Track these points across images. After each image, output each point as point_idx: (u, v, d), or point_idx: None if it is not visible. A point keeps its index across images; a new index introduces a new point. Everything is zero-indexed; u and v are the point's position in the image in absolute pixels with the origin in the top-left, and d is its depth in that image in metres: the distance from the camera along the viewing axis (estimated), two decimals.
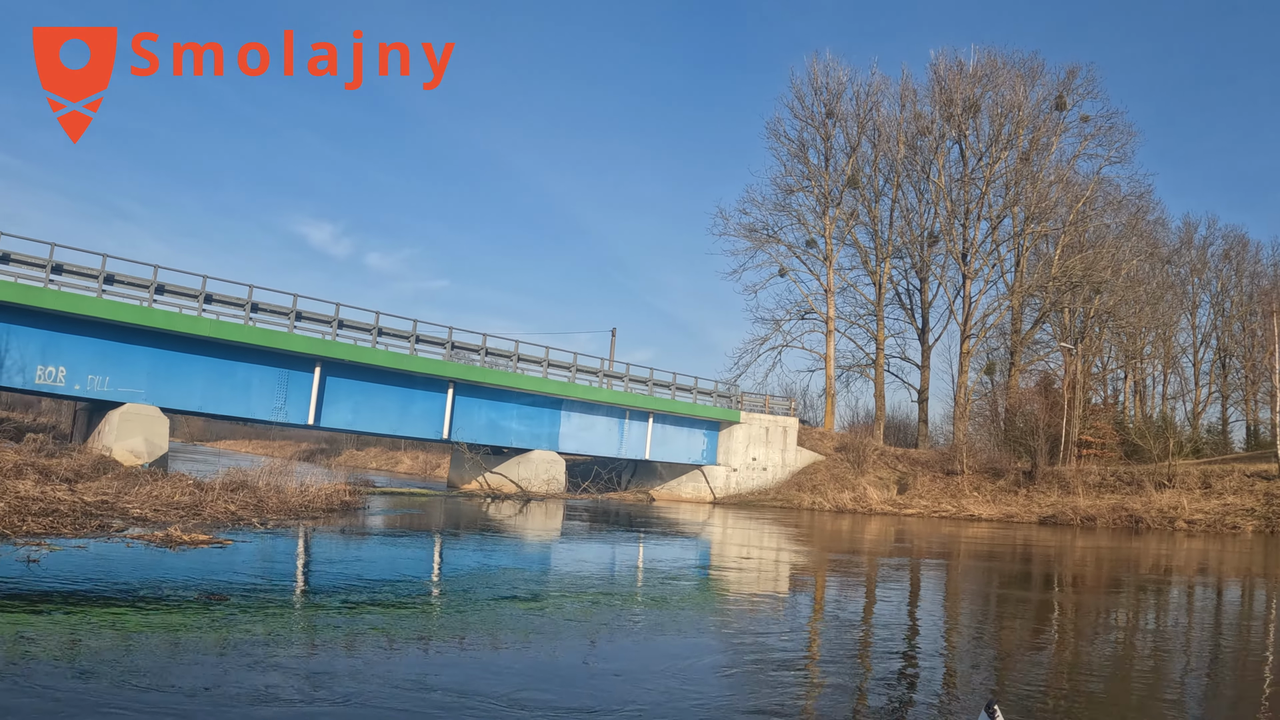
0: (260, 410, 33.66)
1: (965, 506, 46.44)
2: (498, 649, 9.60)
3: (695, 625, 11.97)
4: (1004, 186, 58.92)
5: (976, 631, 13.29)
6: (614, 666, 9.28)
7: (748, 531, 31.48)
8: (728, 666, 9.72)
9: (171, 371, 32.09)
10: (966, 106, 57.90)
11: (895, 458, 53.04)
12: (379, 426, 36.87)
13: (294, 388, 34.12)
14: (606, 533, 27.69)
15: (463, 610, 11.64)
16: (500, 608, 11.86)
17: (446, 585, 13.55)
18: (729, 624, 12.40)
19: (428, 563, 16.34)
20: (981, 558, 26.48)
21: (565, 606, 12.46)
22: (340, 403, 35.24)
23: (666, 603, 13.60)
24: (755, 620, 12.79)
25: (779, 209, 60.74)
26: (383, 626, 10.12)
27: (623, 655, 9.84)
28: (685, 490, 48.99)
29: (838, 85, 59.96)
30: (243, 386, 33.36)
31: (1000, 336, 60.91)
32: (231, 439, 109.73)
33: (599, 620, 11.66)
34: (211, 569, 12.75)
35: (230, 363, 32.99)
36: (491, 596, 12.70)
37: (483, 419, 39.44)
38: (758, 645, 10.88)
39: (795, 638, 11.65)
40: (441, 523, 26.22)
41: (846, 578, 19.36)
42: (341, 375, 35.11)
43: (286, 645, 8.96)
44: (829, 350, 59.57)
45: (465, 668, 8.69)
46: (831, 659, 10.45)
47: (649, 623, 11.93)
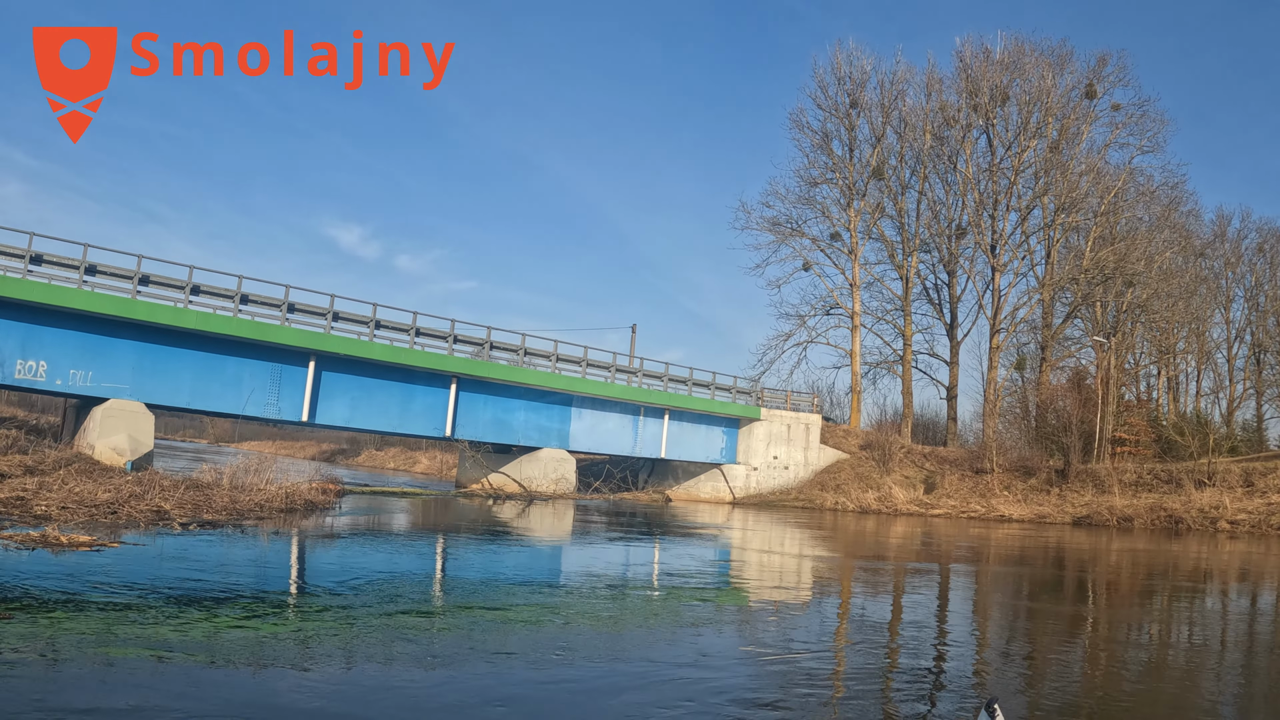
0: (251, 406, 31.72)
1: (995, 507, 43.91)
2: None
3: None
4: (1033, 176, 56.35)
5: (1003, 653, 11.04)
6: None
7: (767, 535, 29.20)
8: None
9: (157, 366, 30.26)
10: (994, 95, 55.32)
11: (922, 456, 50.55)
12: (378, 424, 34.85)
13: (287, 383, 32.18)
14: (612, 537, 25.40)
15: (315, 634, 9.36)
16: (374, 630, 9.59)
17: (337, 597, 11.28)
18: (758, 649, 10.23)
19: (341, 572, 14.01)
20: (1012, 562, 24.09)
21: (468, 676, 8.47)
22: (336, 399, 33.26)
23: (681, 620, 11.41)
24: (780, 633, 10.87)
25: (803, 201, 58.43)
26: (179, 649, 7.93)
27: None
28: (704, 490, 46.71)
29: (861, 74, 57.67)
30: (233, 381, 31.44)
31: (1030, 331, 58.30)
32: (257, 440, 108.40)
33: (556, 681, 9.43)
34: (46, 574, 10.68)
35: (219, 357, 31.08)
36: (382, 611, 10.46)
37: (488, 416, 37.34)
38: (784, 670, 8.84)
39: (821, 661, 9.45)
40: (421, 524, 24.08)
41: (869, 588, 17.10)
42: (337, 370, 33.12)
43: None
44: (855, 346, 57.14)
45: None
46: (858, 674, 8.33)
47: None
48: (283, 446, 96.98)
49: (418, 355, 34.08)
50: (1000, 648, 11.44)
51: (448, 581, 13.69)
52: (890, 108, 57.51)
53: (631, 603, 12.92)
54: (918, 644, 11.18)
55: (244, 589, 11.29)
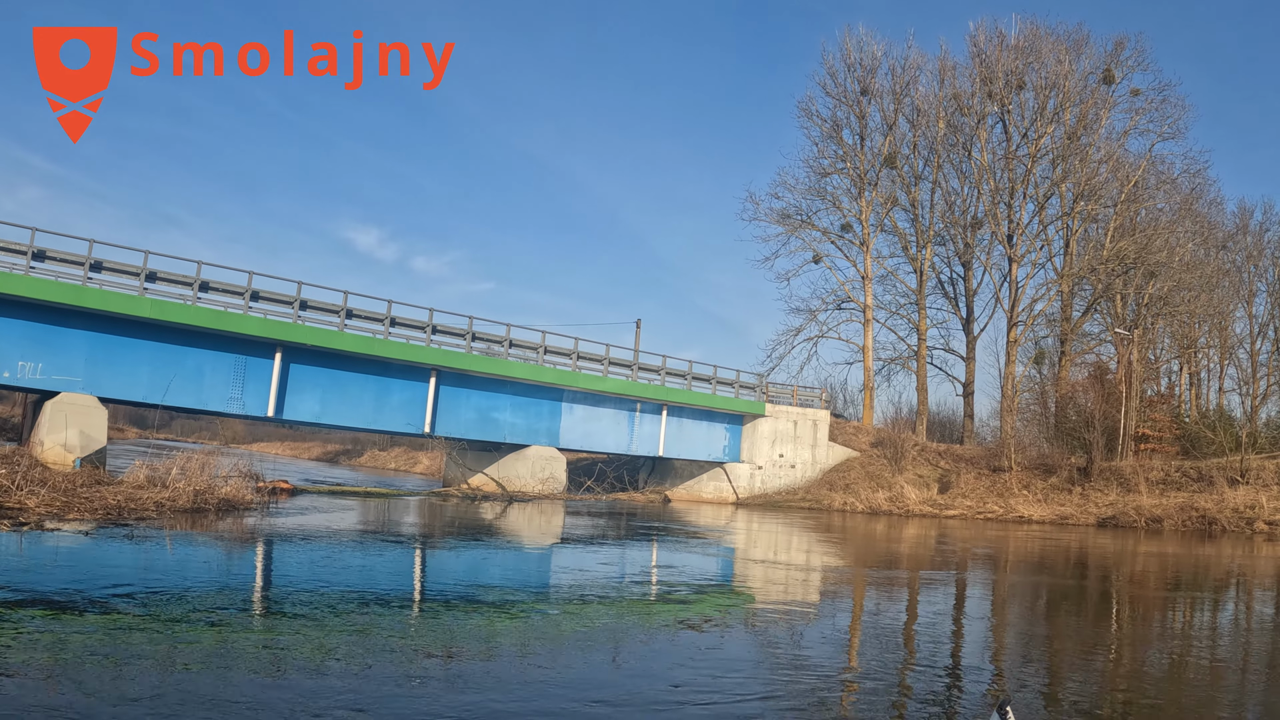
0: (213, 401, 29.35)
1: (1014, 507, 41.06)
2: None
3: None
4: (1051, 164, 53.50)
5: (1043, 695, 8.46)
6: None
7: (767, 539, 26.57)
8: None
9: (112, 358, 27.94)
10: (1009, 80, 52.50)
11: (937, 454, 47.77)
12: (351, 419, 32.31)
13: (252, 376, 29.78)
14: (587, 542, 22.82)
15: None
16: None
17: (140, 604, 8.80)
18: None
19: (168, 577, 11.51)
20: (1034, 570, 21.41)
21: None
22: (305, 393, 30.83)
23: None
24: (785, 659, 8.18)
25: (813, 192, 55.71)
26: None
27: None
28: (706, 490, 44.05)
29: (872, 60, 54.91)
30: (193, 374, 29.08)
31: (1049, 324, 55.44)
32: (267, 442, 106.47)
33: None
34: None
35: (178, 348, 28.73)
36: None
37: (471, 412, 34.79)
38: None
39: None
40: (363, 528, 21.47)
41: (877, 610, 14.50)
42: (306, 362, 30.71)
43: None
44: (867, 341, 54.44)
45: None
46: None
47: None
48: (290, 448, 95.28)
49: (393, 346, 31.60)
50: (1039, 688, 8.82)
51: (296, 597, 11.12)
52: (902, 94, 54.88)
53: (579, 634, 10.36)
54: (936, 666, 8.62)
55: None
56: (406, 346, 31.99)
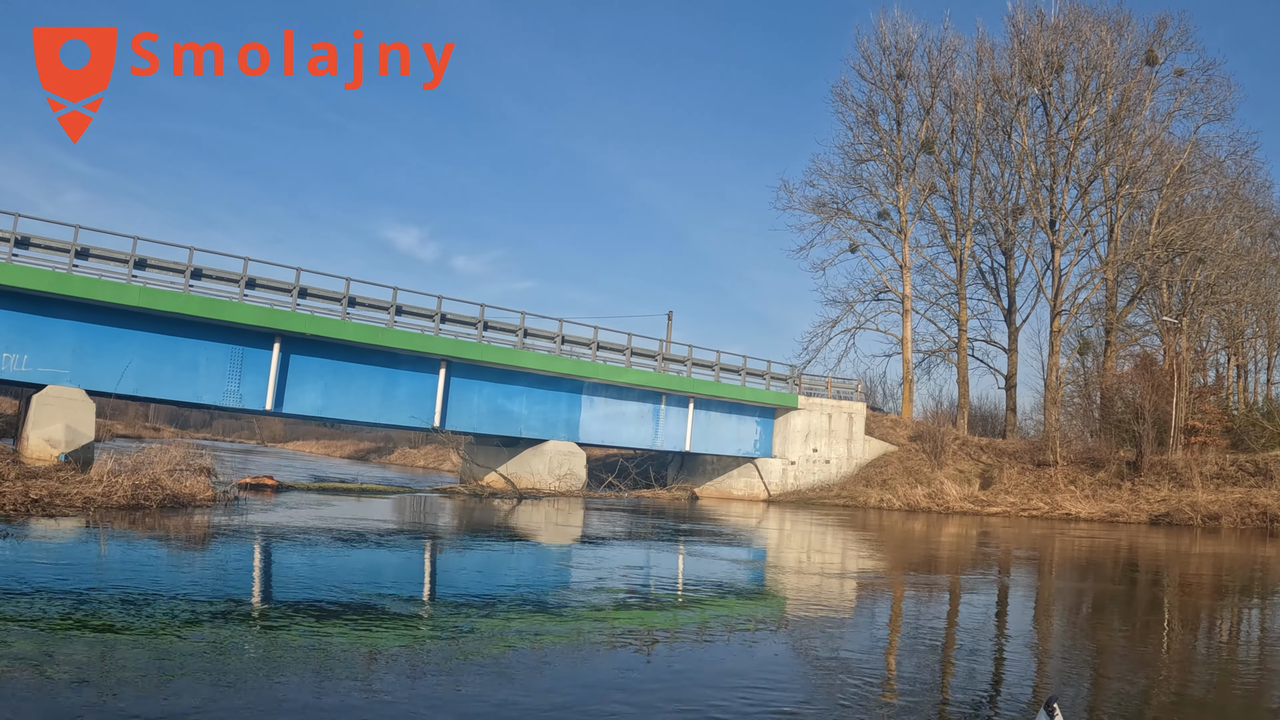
0: (208, 394, 27.64)
1: (1060, 504, 38.46)
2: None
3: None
4: (1093, 147, 50.69)
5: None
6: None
7: (798, 540, 24.45)
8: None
9: (101, 349, 26.36)
10: (1049, 62, 49.76)
11: (978, 448, 45.20)
12: (356, 413, 30.42)
13: (249, 367, 28.04)
14: (595, 545, 20.79)
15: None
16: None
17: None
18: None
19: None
20: (1082, 574, 19.12)
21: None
22: (306, 385, 29.03)
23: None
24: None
25: (848, 179, 53.38)
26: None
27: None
28: (736, 486, 41.83)
29: (908, 43, 52.47)
30: (187, 366, 27.41)
31: (1094, 313, 52.59)
32: (304, 440, 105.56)
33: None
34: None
35: (171, 338, 27.07)
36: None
37: (484, 405, 32.81)
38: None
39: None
40: (324, 526, 19.52)
41: (919, 611, 12.42)
42: (307, 353, 28.91)
43: None
44: (906, 332, 51.98)
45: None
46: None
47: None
48: (324, 446, 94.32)
49: (399, 336, 29.70)
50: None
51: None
52: (939, 78, 52.38)
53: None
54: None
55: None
56: (413, 336, 30.10)
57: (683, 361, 37.93)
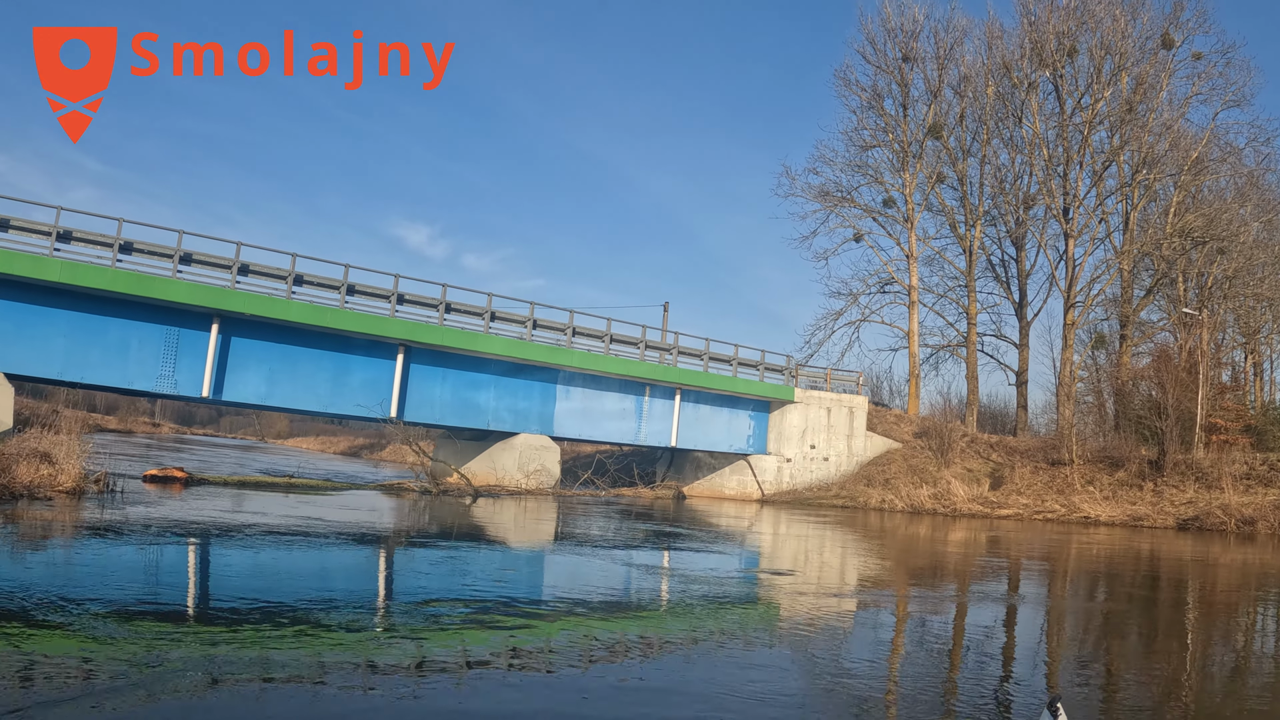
0: (140, 379, 25.22)
1: (1078, 506, 35.57)
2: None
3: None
4: (1108, 131, 47.83)
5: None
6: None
7: (795, 545, 21.93)
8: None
9: (23, 330, 23.98)
10: (1061, 43, 46.92)
11: (988, 445, 42.37)
12: (303, 402, 27.90)
13: (185, 351, 25.60)
14: (527, 557, 18.25)
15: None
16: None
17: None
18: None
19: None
20: (1117, 594, 16.48)
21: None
22: (248, 370, 26.56)
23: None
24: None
25: (853, 167, 50.64)
26: None
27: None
28: (728, 485, 39.14)
29: (913, 24, 49.65)
30: (117, 348, 24.99)
31: (1111, 305, 49.60)
32: (306, 436, 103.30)
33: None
34: None
35: (99, 318, 24.67)
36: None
37: (447, 394, 30.24)
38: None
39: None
40: (183, 527, 17.07)
41: (919, 640, 9.85)
42: (250, 335, 26.45)
43: None
44: (912, 325, 49.23)
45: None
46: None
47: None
48: (320, 442, 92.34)
49: (349, 317, 27.17)
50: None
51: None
52: (946, 60, 49.61)
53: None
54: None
55: None
56: (366, 317, 27.56)
57: (668, 349, 35.28)
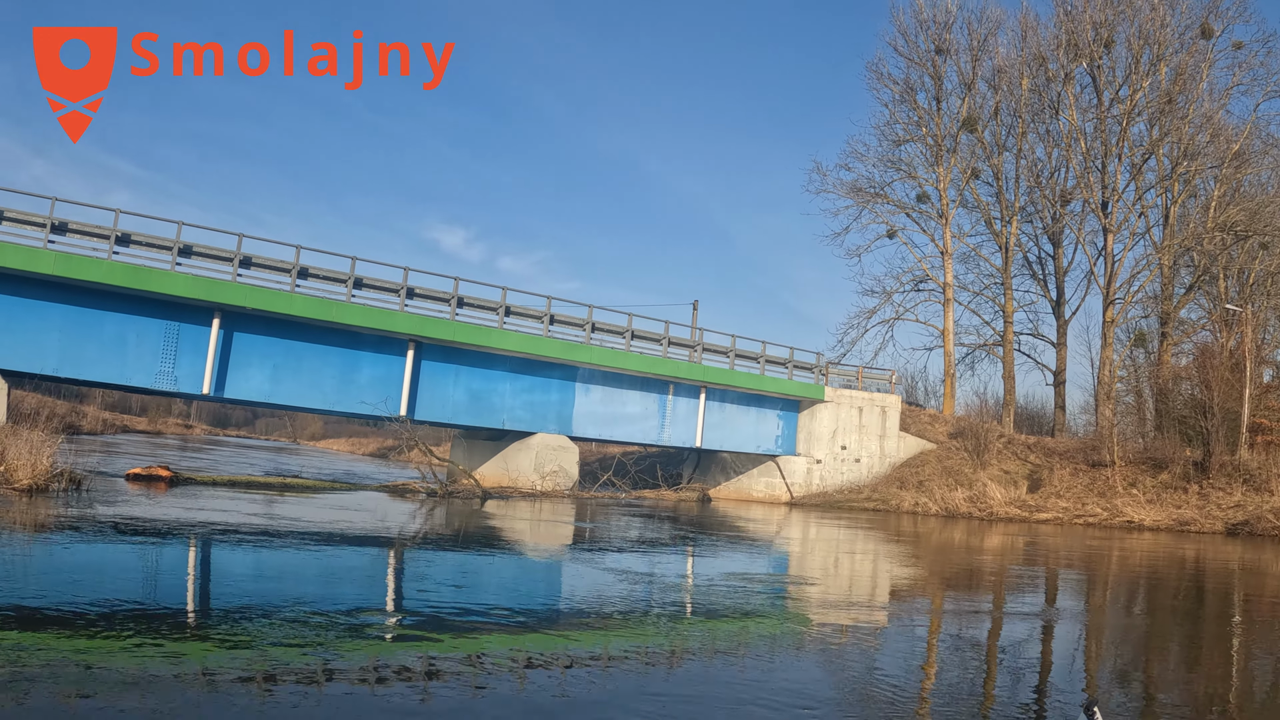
0: (138, 375, 24.04)
1: (1120, 509, 33.67)
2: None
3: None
4: (1147, 123, 45.77)
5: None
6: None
7: (822, 554, 20.35)
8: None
9: (15, 323, 22.91)
10: (1097, 34, 44.93)
11: (1025, 447, 40.47)
12: (309, 400, 26.56)
13: (185, 346, 24.40)
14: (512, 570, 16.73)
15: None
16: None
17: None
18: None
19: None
20: (1172, 609, 14.80)
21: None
22: (251, 367, 25.31)
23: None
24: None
25: (885, 162, 49.00)
26: None
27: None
28: (756, 488, 37.49)
29: (946, 16, 47.95)
30: (114, 344, 23.85)
31: (1150, 302, 47.46)
32: (337, 438, 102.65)
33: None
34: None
35: (95, 312, 23.54)
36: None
37: (460, 393, 28.84)
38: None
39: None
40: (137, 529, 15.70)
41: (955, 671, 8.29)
42: (253, 330, 25.20)
43: None
44: (947, 323, 47.43)
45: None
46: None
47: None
48: (350, 444, 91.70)
49: (356, 311, 25.82)
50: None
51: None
52: (980, 51, 47.81)
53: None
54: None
55: None
56: (374, 312, 26.21)
57: (692, 346, 33.70)
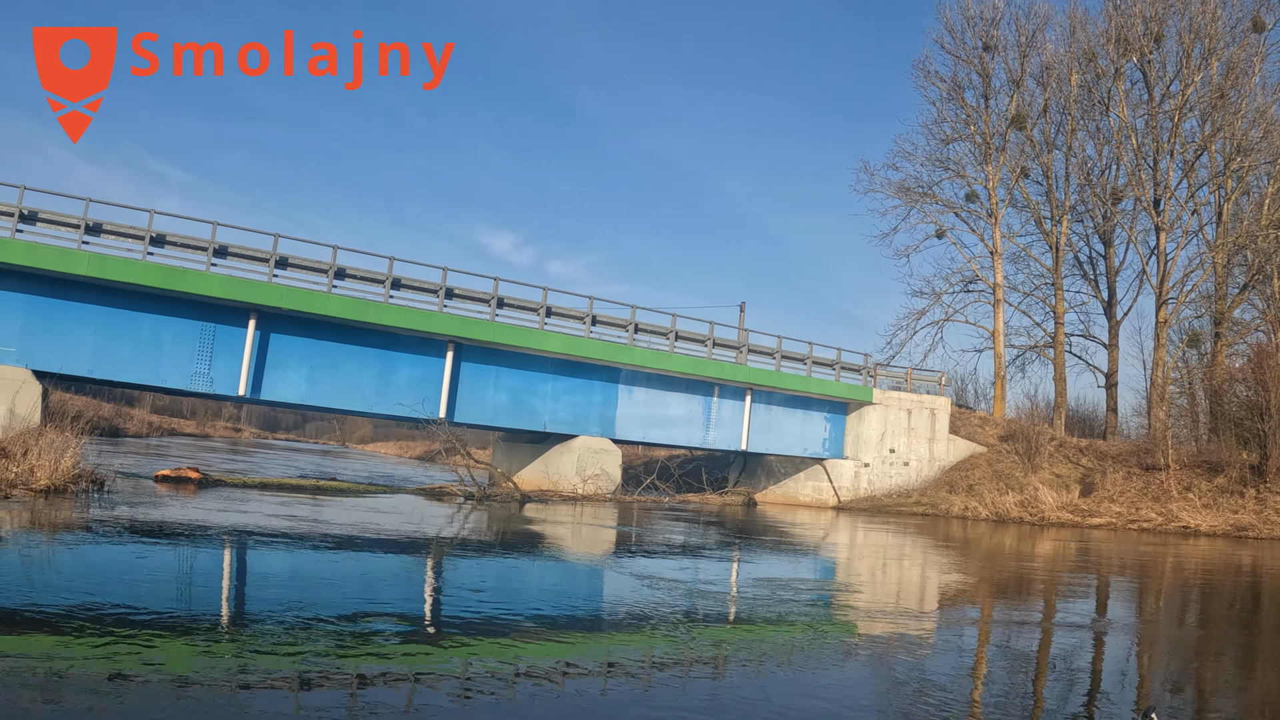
0: (173, 376, 23.61)
1: (1175, 514, 32.26)
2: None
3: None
4: (1199, 119, 44.15)
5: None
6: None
7: (869, 561, 19.38)
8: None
9: (51, 325, 22.58)
10: (1147, 29, 43.45)
11: (1077, 450, 39.07)
12: (346, 401, 25.99)
13: (221, 347, 23.94)
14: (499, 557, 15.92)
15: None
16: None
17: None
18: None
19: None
20: (1223, 609, 13.69)
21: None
22: (288, 369, 24.80)
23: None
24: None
25: (933, 161, 47.83)
26: None
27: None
28: (803, 492, 36.46)
29: (993, 12, 46.70)
30: (150, 345, 23.43)
31: (1203, 302, 45.76)
32: (386, 441, 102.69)
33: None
34: None
35: (130, 313, 23.16)
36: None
37: (500, 394, 28.16)
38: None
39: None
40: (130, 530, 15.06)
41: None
42: (289, 331, 24.70)
43: None
44: (997, 324, 46.11)
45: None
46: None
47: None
48: (397, 447, 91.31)
49: (394, 312, 25.22)
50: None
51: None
52: (1028, 47, 46.56)
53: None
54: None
55: None
56: (412, 313, 25.60)
57: (737, 347, 32.77)
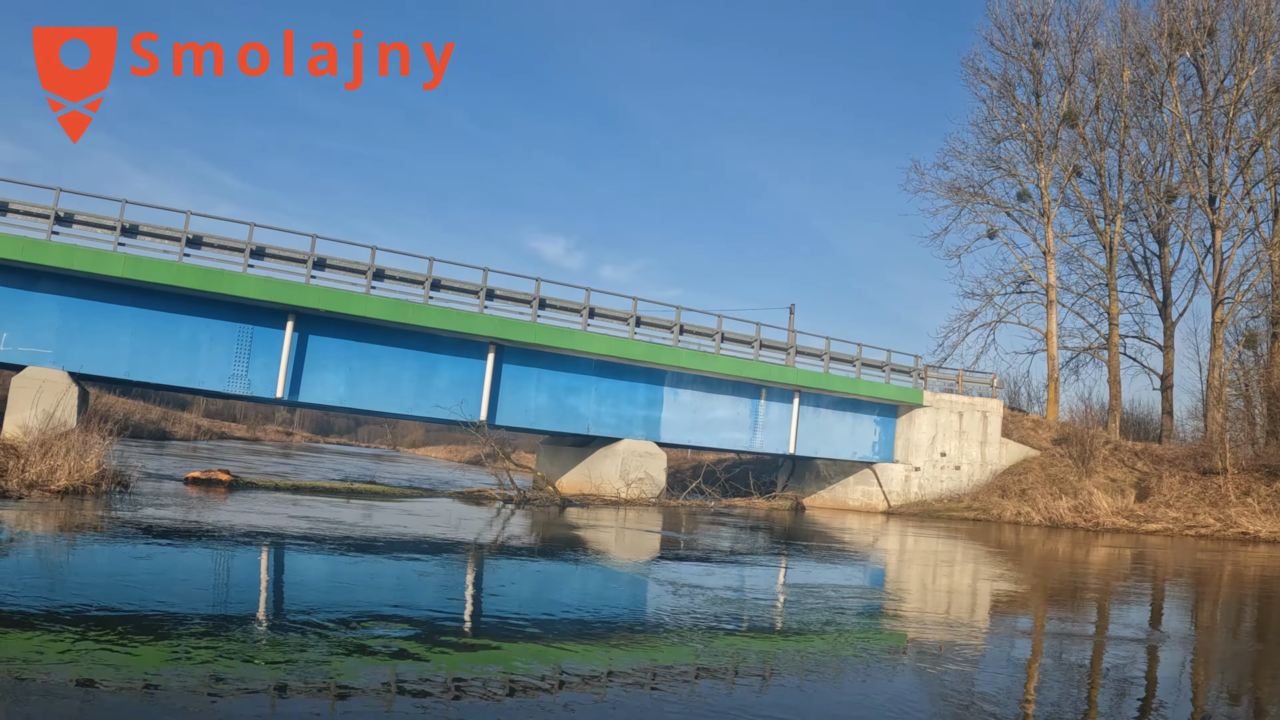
0: (210, 378, 23.15)
1: (1234, 520, 30.69)
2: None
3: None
4: (1254, 113, 42.48)
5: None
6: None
7: (918, 569, 18.38)
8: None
9: (87, 327, 22.24)
10: (1200, 22, 41.91)
11: (1132, 454, 37.58)
12: (387, 404, 25.37)
13: (259, 349, 23.43)
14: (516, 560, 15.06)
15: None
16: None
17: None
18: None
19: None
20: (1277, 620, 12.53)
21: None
22: (326, 370, 24.24)
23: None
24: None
25: (984, 160, 46.65)
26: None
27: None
28: (852, 496, 35.37)
29: (1043, 7, 45.43)
30: (186, 347, 22.98)
31: (1261, 301, 43.99)
32: (436, 446, 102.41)
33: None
34: None
35: (168, 315, 22.73)
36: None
37: (542, 397, 27.40)
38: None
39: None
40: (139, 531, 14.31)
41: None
42: (327, 333, 24.14)
43: None
44: (1050, 325, 44.77)
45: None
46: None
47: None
48: (449, 451, 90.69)
49: (434, 314, 24.57)
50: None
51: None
52: (1079, 43, 45.19)
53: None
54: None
55: None
56: (453, 314, 24.93)
57: (784, 349, 31.78)
